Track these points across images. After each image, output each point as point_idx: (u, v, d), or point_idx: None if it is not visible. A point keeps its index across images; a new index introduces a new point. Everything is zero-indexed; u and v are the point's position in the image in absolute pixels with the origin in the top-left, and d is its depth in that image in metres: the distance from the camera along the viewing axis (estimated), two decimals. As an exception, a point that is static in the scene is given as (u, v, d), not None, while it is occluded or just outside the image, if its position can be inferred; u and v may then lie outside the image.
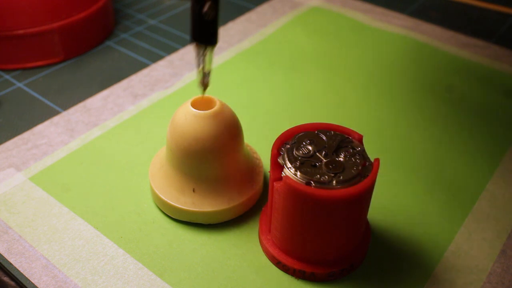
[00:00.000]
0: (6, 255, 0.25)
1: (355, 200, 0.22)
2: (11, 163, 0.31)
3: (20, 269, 0.25)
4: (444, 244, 0.27)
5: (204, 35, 0.24)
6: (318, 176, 0.22)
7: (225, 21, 0.46)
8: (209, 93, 0.33)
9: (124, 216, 0.28)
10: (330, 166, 0.23)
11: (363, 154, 0.24)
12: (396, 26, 0.45)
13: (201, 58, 0.25)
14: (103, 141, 0.32)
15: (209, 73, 0.25)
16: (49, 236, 0.26)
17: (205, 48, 0.24)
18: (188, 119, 0.26)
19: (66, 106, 0.36)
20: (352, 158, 0.23)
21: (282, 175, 0.23)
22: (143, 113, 0.35)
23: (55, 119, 0.34)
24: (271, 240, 0.26)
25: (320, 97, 0.37)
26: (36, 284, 0.24)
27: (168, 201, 0.27)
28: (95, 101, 0.36)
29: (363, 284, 0.25)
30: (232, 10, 0.48)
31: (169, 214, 0.27)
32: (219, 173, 0.26)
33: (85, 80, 0.38)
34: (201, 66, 0.25)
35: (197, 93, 0.27)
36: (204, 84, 0.26)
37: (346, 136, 0.24)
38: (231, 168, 0.27)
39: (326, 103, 0.36)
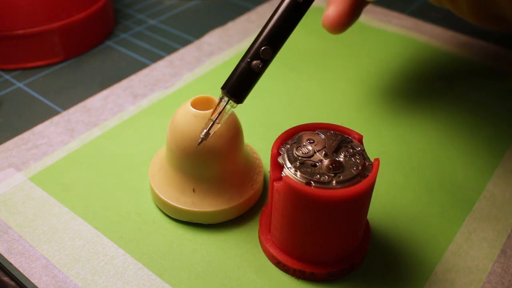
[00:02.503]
0: (6, 255, 0.25)
1: (355, 200, 0.22)
2: (11, 163, 0.31)
3: (20, 269, 0.25)
4: (444, 244, 0.27)
5: (237, 89, 0.24)
6: (318, 176, 0.22)
7: (225, 21, 0.46)
8: (209, 93, 0.33)
9: (124, 216, 0.28)
10: (330, 166, 0.23)
11: (363, 154, 0.24)
12: (396, 26, 0.45)
13: (221, 110, 0.24)
14: (103, 141, 0.32)
15: (215, 126, 0.25)
16: (49, 236, 0.26)
17: (228, 102, 0.24)
18: (188, 119, 0.26)
19: (66, 106, 0.36)
20: (352, 158, 0.23)
21: (282, 175, 0.23)
22: (143, 113, 0.35)
23: (55, 119, 0.34)
24: (271, 240, 0.26)
25: (320, 97, 0.37)
26: (36, 284, 0.24)
27: (168, 201, 0.27)
28: (95, 101, 0.36)
29: (363, 284, 0.25)
30: (232, 10, 0.48)
31: (169, 214, 0.27)
32: (219, 173, 0.26)
33: (85, 80, 0.38)
34: (215, 116, 0.24)
35: (197, 93, 0.27)
36: (206, 135, 0.25)
37: (346, 136, 0.24)
38: (231, 168, 0.27)
39: (326, 103, 0.36)
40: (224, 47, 0.42)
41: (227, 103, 0.24)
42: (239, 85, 0.24)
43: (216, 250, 0.26)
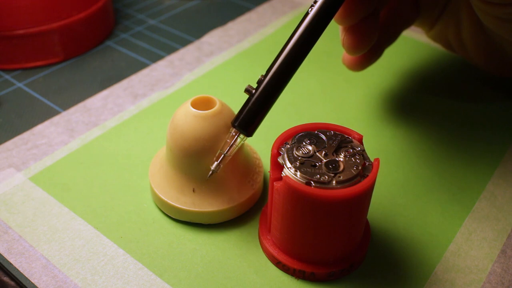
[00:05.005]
0: (6, 255, 0.25)
1: (355, 200, 0.22)
2: (11, 163, 0.31)
3: (20, 269, 0.25)
4: (444, 244, 0.27)
5: (244, 122, 0.24)
6: (318, 176, 0.22)
7: (225, 21, 0.46)
8: (209, 93, 0.33)
9: (124, 216, 0.28)
10: (330, 166, 0.23)
11: (363, 154, 0.24)
12: (396, 26, 0.45)
13: (231, 143, 0.25)
14: (103, 141, 0.32)
15: (226, 160, 0.25)
16: (49, 236, 0.26)
17: (238, 136, 0.25)
18: (188, 119, 0.26)
19: (66, 106, 0.36)
20: (352, 158, 0.23)
21: (282, 175, 0.23)
22: (143, 113, 0.35)
23: (55, 119, 0.34)
24: (271, 240, 0.26)
25: (320, 97, 0.37)
26: (36, 284, 0.24)
27: (168, 201, 0.27)
28: (95, 101, 0.36)
29: (363, 284, 0.25)
30: (232, 10, 0.48)
31: (169, 214, 0.27)
32: (219, 173, 0.26)
33: (85, 80, 0.38)
34: (226, 150, 0.25)
35: (197, 93, 0.27)
36: (216, 168, 0.25)
37: (346, 136, 0.24)
38: (231, 168, 0.27)
39: (326, 103, 0.36)
40: (224, 47, 0.42)
41: (237, 135, 0.25)
42: (243, 115, 0.25)
43: (216, 250, 0.26)
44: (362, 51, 0.30)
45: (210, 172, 0.25)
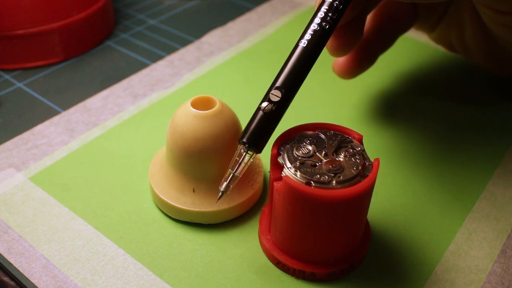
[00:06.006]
0: (6, 255, 0.25)
1: (355, 200, 0.22)
2: (11, 163, 0.31)
3: (20, 269, 0.25)
4: (444, 244, 0.27)
5: (253, 138, 0.23)
6: (318, 176, 0.22)
7: (225, 21, 0.46)
8: (209, 93, 0.33)
9: (124, 216, 0.28)
10: (330, 166, 0.23)
11: (363, 154, 0.24)
12: (396, 26, 0.45)
13: (240, 161, 0.24)
14: (103, 141, 0.32)
15: (236, 179, 0.24)
16: (49, 236, 0.26)
17: (247, 153, 0.24)
18: (188, 119, 0.26)
19: (66, 106, 0.36)
20: (352, 158, 0.23)
21: (282, 175, 0.23)
22: (143, 113, 0.35)
23: (55, 119, 0.34)
24: (271, 240, 0.26)
25: (320, 96, 0.37)
26: (36, 284, 0.24)
27: (168, 201, 0.27)
28: (95, 101, 0.36)
29: (363, 284, 0.25)
30: (232, 10, 0.48)
31: (169, 214, 0.27)
32: (219, 173, 0.26)
33: (85, 80, 0.38)
34: (235, 169, 0.24)
35: (197, 93, 0.27)
36: (225, 189, 0.24)
37: (346, 136, 0.24)
38: (231, 168, 0.27)
39: (326, 103, 0.36)
40: (224, 47, 0.42)
41: (246, 152, 0.24)
42: (253, 132, 0.23)
43: (216, 250, 0.26)
44: (345, 53, 0.29)
45: (220, 193, 0.24)
